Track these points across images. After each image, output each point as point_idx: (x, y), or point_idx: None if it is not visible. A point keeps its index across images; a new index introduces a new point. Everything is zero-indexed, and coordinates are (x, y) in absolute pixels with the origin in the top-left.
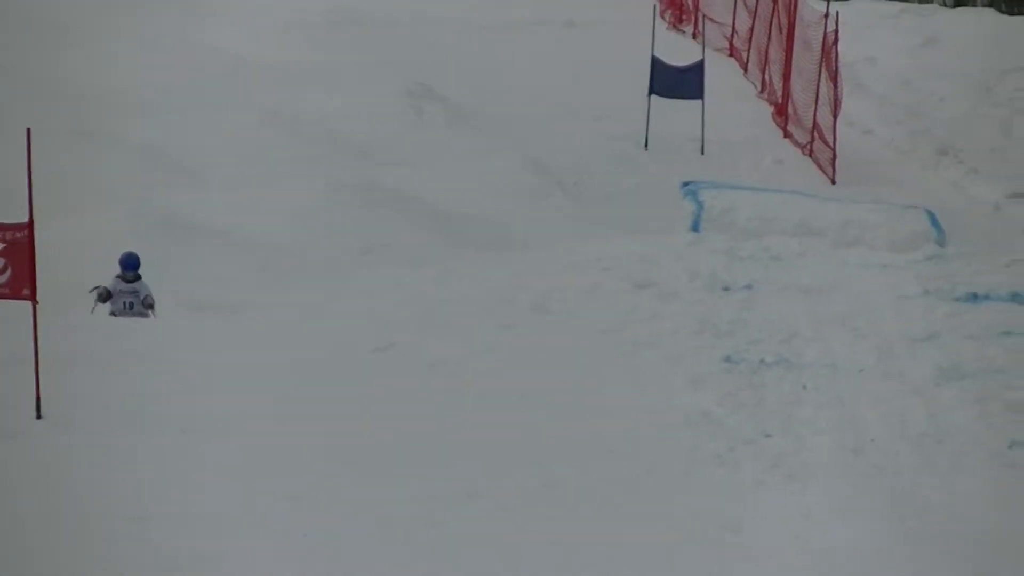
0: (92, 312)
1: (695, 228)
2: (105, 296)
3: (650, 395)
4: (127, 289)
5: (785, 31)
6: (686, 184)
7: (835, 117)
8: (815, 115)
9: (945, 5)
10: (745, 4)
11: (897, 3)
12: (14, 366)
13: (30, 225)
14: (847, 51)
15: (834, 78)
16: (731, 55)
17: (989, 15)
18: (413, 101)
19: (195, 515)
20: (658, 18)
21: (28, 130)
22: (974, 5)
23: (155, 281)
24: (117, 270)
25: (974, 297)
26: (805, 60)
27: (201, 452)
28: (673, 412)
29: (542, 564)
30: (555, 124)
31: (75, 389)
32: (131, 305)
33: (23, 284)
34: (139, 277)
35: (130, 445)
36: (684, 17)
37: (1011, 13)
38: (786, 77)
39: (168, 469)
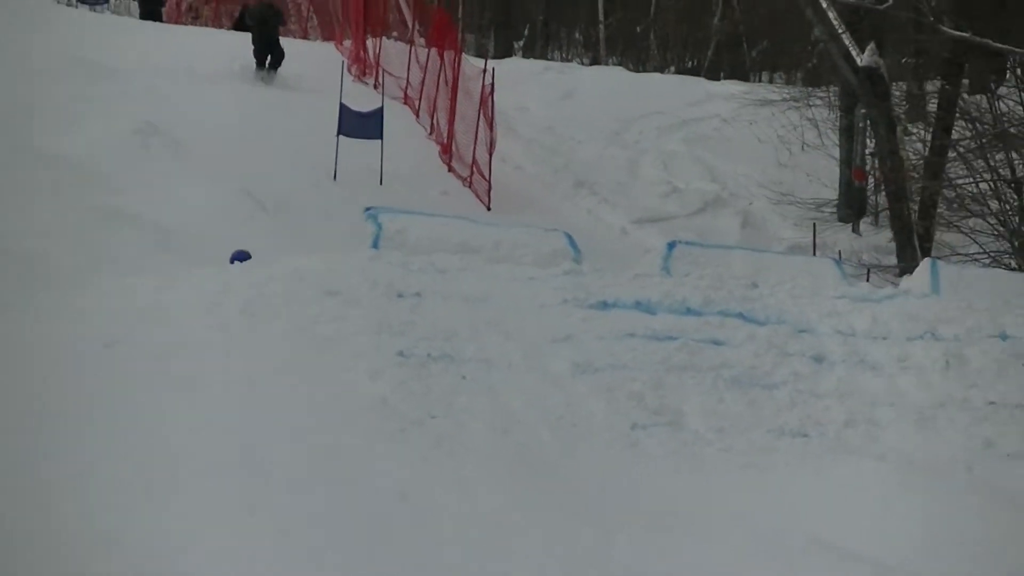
0: None
1: (375, 246)
2: None
3: (336, 384)
4: None
5: (450, 84)
6: (368, 209)
7: (491, 155)
8: (474, 153)
9: (583, 64)
10: (418, 60)
11: (543, 61)
12: None
13: None
14: (502, 101)
15: (490, 123)
16: (406, 103)
17: (618, 72)
18: (141, 137)
19: None
20: (346, 72)
21: None
22: (607, 64)
23: None
24: None
25: (604, 305)
26: (467, 108)
27: None
28: (355, 398)
29: (224, 537)
30: (261, 158)
31: None
32: None
33: None
34: None
35: None
36: (367, 71)
37: (637, 70)
38: (451, 122)
39: None
